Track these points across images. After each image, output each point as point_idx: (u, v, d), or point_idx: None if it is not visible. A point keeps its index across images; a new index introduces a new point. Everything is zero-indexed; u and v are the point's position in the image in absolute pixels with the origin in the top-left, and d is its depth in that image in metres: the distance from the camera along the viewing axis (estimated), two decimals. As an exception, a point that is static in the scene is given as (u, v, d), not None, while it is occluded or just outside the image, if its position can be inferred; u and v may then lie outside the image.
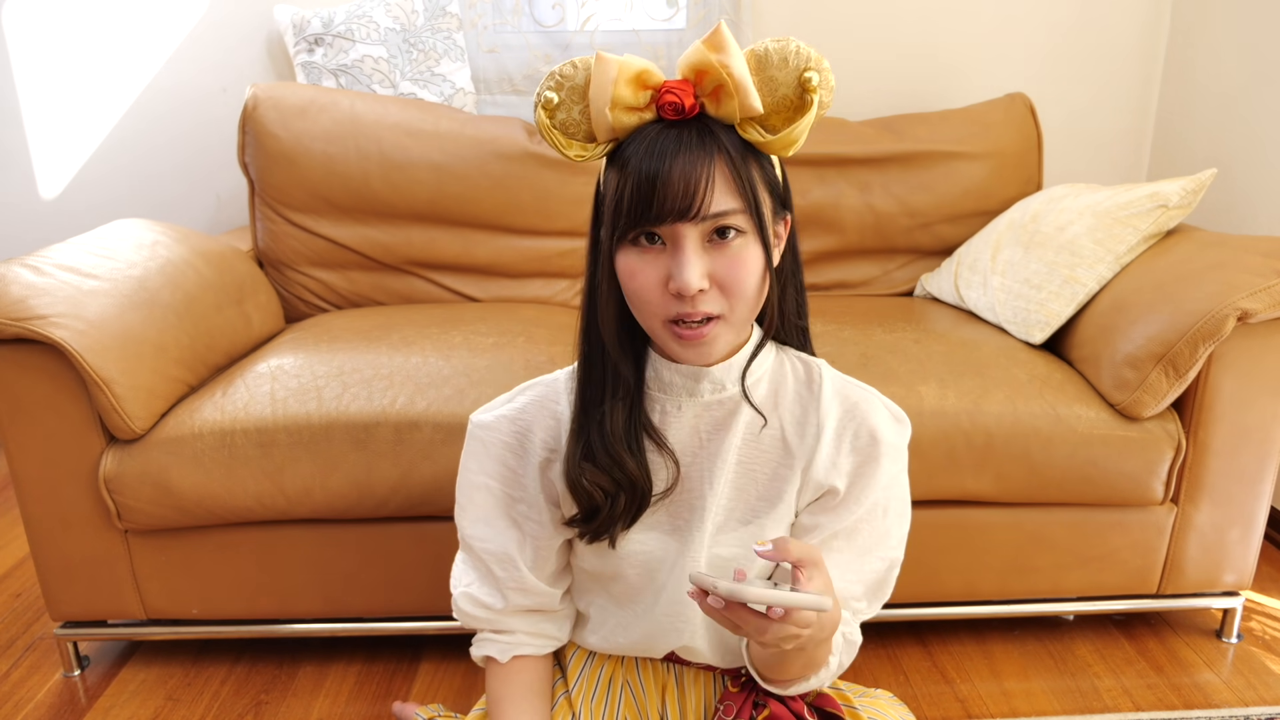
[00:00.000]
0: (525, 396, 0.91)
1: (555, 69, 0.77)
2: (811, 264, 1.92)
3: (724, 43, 0.72)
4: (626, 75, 0.73)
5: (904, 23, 2.13)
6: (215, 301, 1.53)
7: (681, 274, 0.74)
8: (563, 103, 0.77)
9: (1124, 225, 1.50)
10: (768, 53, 0.75)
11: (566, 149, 0.77)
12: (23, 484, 1.35)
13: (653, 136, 0.74)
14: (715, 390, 0.85)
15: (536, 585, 0.92)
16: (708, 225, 0.74)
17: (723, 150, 0.74)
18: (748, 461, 0.86)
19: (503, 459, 0.90)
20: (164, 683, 1.46)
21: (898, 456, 0.87)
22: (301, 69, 2.01)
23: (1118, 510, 1.41)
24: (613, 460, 0.83)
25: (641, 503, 0.86)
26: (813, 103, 0.73)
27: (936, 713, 1.37)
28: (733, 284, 0.76)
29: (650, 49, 2.10)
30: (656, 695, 0.97)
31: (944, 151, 1.88)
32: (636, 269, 0.76)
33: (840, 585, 0.85)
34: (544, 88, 0.77)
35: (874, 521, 0.86)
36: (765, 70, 0.75)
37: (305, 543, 1.39)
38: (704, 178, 0.72)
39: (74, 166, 2.18)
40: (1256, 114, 1.87)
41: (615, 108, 0.74)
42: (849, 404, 0.87)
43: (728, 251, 0.75)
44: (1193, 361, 1.29)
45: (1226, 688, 1.42)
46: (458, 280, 1.87)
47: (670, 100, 0.74)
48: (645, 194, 0.73)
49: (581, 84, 0.76)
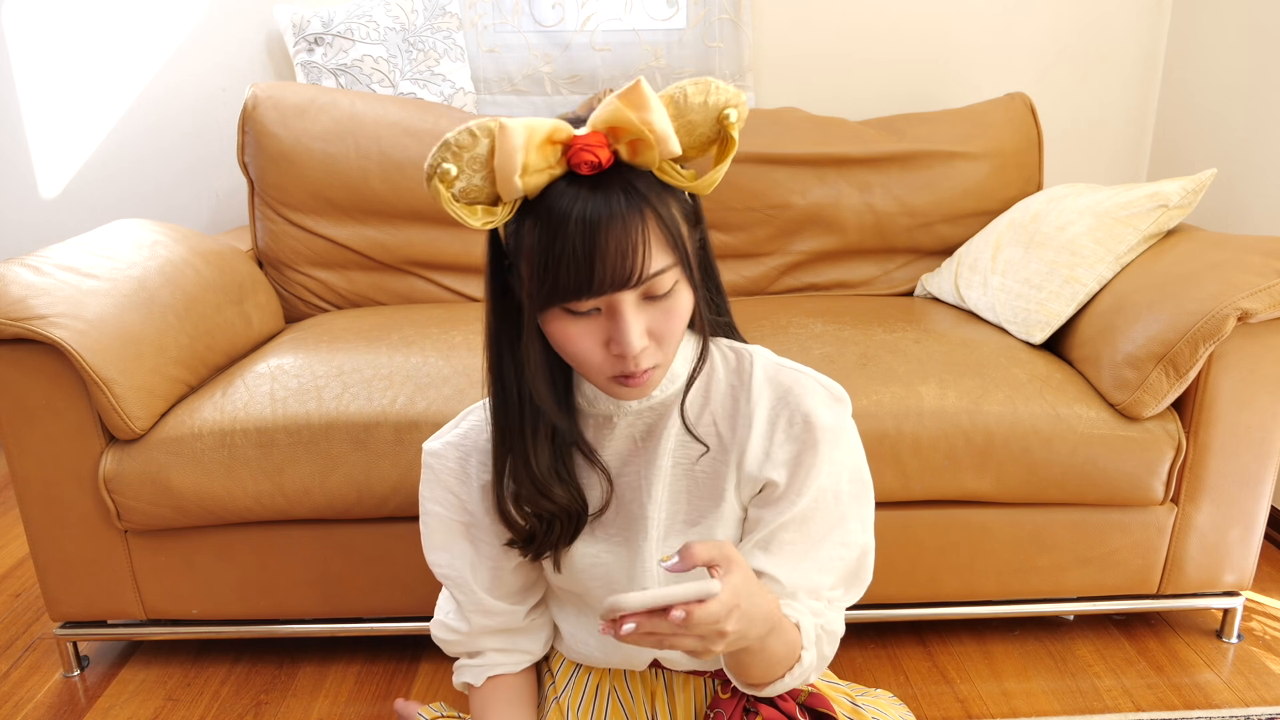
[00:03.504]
0: (467, 421, 0.92)
1: (449, 138, 0.69)
2: (811, 264, 1.92)
3: (645, 100, 0.68)
4: (537, 140, 0.68)
5: (904, 22, 2.13)
6: (215, 301, 1.53)
7: (626, 340, 0.72)
8: (462, 172, 0.71)
9: (1124, 225, 1.50)
10: (686, 97, 0.71)
11: (470, 219, 0.71)
12: (23, 484, 1.35)
13: (578, 202, 0.69)
14: (644, 400, 0.85)
15: (495, 605, 0.92)
16: (644, 288, 0.72)
17: (651, 207, 0.70)
18: (685, 463, 0.85)
19: (450, 486, 0.90)
20: (164, 683, 1.46)
21: (837, 439, 0.83)
22: (301, 69, 2.01)
23: (1118, 510, 1.41)
24: (541, 494, 0.83)
25: (578, 524, 0.86)
26: (733, 140, 0.71)
27: (936, 713, 1.37)
28: (668, 334, 0.75)
29: (650, 48, 2.10)
30: (645, 701, 0.97)
31: (944, 151, 1.88)
32: (573, 335, 0.74)
33: (801, 576, 0.83)
34: (438, 159, 0.70)
35: (825, 509, 0.83)
36: (684, 115, 0.71)
37: (305, 543, 1.39)
38: (640, 244, 0.69)
39: (74, 166, 2.18)
40: (1256, 114, 1.87)
41: (526, 174, 0.69)
42: (780, 390, 0.84)
43: (663, 305, 0.74)
44: (1193, 361, 1.29)
45: (1226, 688, 1.42)
46: (458, 280, 1.87)
47: (586, 159, 0.69)
48: (582, 269, 0.69)
49: (483, 154, 0.70)
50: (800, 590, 0.83)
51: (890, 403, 1.34)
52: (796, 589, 0.82)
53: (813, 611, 0.83)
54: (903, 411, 1.33)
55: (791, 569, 0.83)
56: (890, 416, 1.33)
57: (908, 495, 1.36)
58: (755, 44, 2.12)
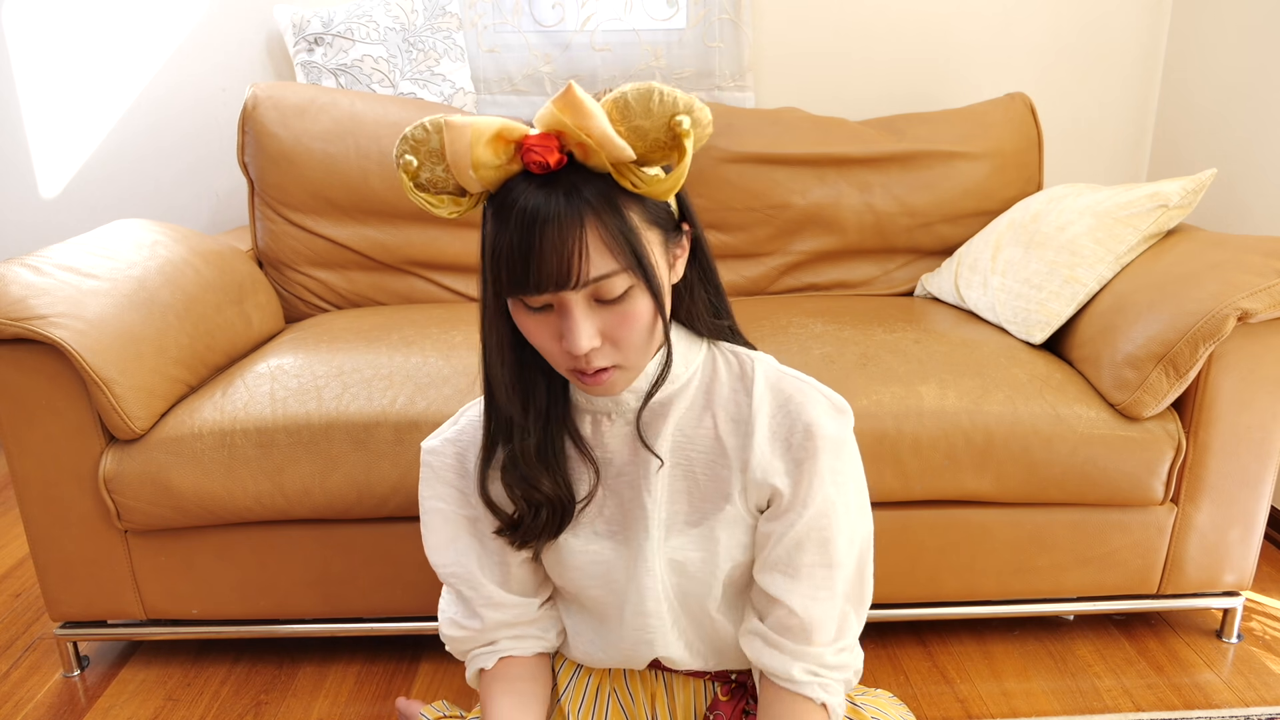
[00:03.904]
0: (465, 418, 0.92)
1: (407, 132, 0.73)
2: (811, 264, 1.92)
3: (576, 104, 0.68)
4: (483, 139, 0.69)
5: (904, 22, 2.13)
6: (215, 301, 1.53)
7: (573, 340, 0.73)
8: (423, 164, 0.74)
9: (1124, 225, 1.50)
10: (628, 104, 0.69)
11: (437, 208, 0.74)
12: (23, 484, 1.35)
13: (521, 200, 0.70)
14: (639, 399, 0.85)
15: (506, 598, 0.92)
16: (589, 290, 0.73)
17: (593, 212, 0.70)
18: (684, 463, 0.85)
19: (450, 481, 0.91)
20: (164, 683, 1.46)
21: (840, 449, 0.83)
22: (301, 69, 2.01)
23: (1118, 510, 1.41)
24: (527, 483, 0.84)
25: (564, 514, 0.86)
26: (686, 148, 0.69)
27: (936, 713, 1.37)
28: (622, 339, 0.75)
29: (650, 48, 2.10)
30: (646, 702, 0.97)
31: (944, 151, 1.88)
32: (530, 327, 0.76)
33: (820, 609, 0.83)
34: (399, 151, 0.74)
35: (837, 521, 0.83)
36: (630, 120, 0.70)
37: (305, 543, 1.39)
38: (576, 248, 0.70)
39: (74, 167, 2.18)
40: (1256, 114, 1.87)
41: (478, 169, 0.70)
42: (782, 397, 0.84)
43: (616, 309, 0.74)
44: (1193, 361, 1.29)
45: (1226, 688, 1.42)
46: (458, 280, 1.87)
47: (534, 160, 0.70)
48: (520, 267, 0.70)
49: (436, 148, 0.73)
50: (815, 626, 0.82)
51: (890, 403, 1.34)
52: (811, 625, 0.82)
53: (841, 680, 0.85)
54: (903, 411, 1.33)
55: (810, 599, 0.82)
56: (890, 416, 1.33)
57: (908, 495, 1.36)
58: (755, 44, 2.12)
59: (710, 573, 0.85)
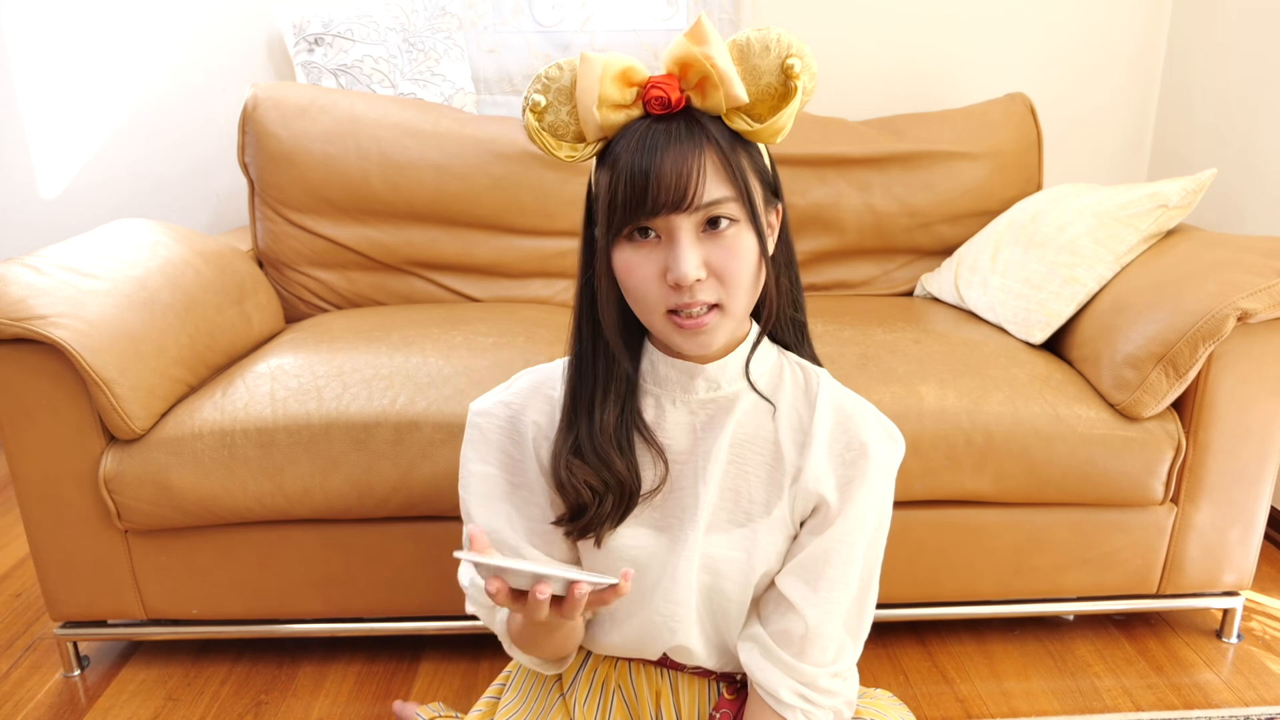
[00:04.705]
0: (521, 382, 0.92)
1: (541, 72, 0.78)
2: (811, 264, 1.92)
3: (706, 34, 0.73)
4: (612, 73, 0.74)
5: (904, 22, 2.13)
6: (215, 301, 1.53)
7: (679, 265, 0.74)
8: (550, 105, 0.78)
9: (1124, 225, 1.50)
10: (749, 42, 0.75)
11: (556, 150, 0.79)
12: (23, 484, 1.35)
13: (641, 132, 0.75)
14: (710, 389, 0.86)
15: (531, 551, 0.90)
16: (701, 215, 0.75)
17: (711, 140, 0.75)
18: (740, 462, 0.86)
19: (500, 445, 0.90)
20: (164, 683, 1.46)
21: (886, 473, 0.86)
22: (301, 69, 2.01)
23: (1118, 510, 1.41)
24: (601, 460, 0.84)
25: (629, 503, 0.86)
26: (796, 89, 0.74)
27: (936, 713, 1.37)
28: (728, 272, 0.77)
29: (650, 48, 2.10)
30: (651, 700, 0.97)
31: (944, 151, 1.88)
32: (634, 264, 0.77)
33: (831, 626, 0.85)
34: (531, 91, 0.78)
35: (867, 541, 0.86)
36: (748, 60, 0.75)
37: (305, 543, 1.39)
38: (695, 168, 0.73)
39: (74, 166, 2.18)
40: (1256, 114, 1.87)
41: (602, 106, 0.75)
42: (843, 415, 0.87)
43: (722, 241, 0.76)
44: (1193, 361, 1.29)
45: (1226, 688, 1.42)
46: (458, 280, 1.87)
47: (656, 95, 0.74)
48: (638, 189, 0.74)
49: (568, 85, 0.77)
50: (817, 640, 0.84)
51: (890, 403, 1.34)
52: (814, 638, 0.84)
53: (830, 709, 0.86)
54: (903, 411, 1.33)
55: (824, 611, 0.84)
56: (890, 416, 1.31)
57: (907, 495, 1.36)
58: (755, 44, 2.12)
59: (746, 575, 0.86)
